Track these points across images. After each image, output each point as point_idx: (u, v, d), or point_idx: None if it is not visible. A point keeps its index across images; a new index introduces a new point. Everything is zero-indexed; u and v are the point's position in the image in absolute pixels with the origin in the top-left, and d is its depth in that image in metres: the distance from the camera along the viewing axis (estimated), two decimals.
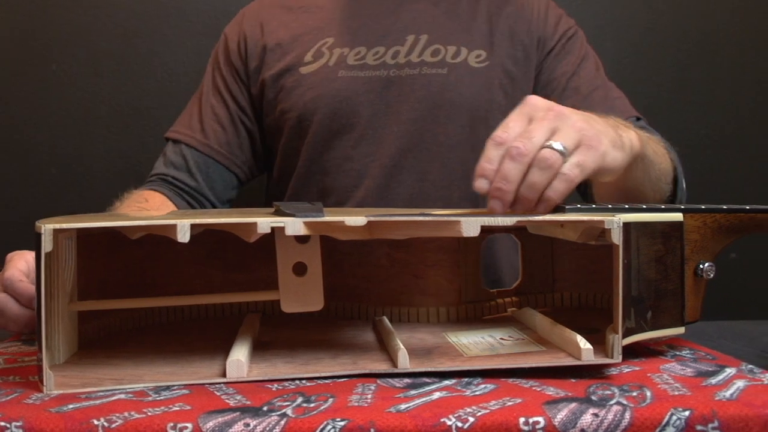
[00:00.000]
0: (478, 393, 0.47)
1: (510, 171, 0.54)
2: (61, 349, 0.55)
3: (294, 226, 0.49)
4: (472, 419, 0.42)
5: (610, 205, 0.57)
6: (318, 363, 0.53)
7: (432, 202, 0.94)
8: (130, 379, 0.50)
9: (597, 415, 0.43)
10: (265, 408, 0.44)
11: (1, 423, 0.41)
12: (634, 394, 0.46)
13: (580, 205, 0.56)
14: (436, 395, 0.46)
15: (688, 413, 0.43)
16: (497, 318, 0.69)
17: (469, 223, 0.49)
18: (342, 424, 0.41)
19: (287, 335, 0.63)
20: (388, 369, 0.51)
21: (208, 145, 1.00)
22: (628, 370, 0.53)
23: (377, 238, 0.54)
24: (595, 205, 0.56)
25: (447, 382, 0.49)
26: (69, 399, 0.46)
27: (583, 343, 0.51)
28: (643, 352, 0.58)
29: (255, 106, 1.02)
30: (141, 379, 0.50)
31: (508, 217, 0.51)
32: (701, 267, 0.58)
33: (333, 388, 0.48)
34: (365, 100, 0.95)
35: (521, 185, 0.55)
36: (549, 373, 0.51)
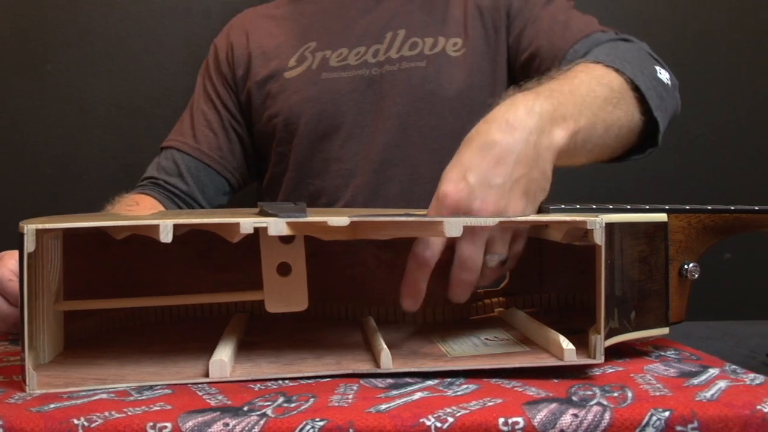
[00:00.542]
0: (459, 393, 0.47)
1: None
2: (47, 348, 0.55)
3: (277, 226, 0.49)
4: (451, 419, 0.42)
5: (594, 206, 0.57)
6: (302, 363, 0.53)
7: (424, 196, 0.93)
8: (113, 379, 0.50)
9: (577, 415, 0.43)
10: (245, 408, 0.44)
11: None
12: (615, 394, 0.46)
13: (564, 206, 0.56)
14: (418, 395, 0.46)
15: (668, 414, 0.43)
16: (484, 318, 0.69)
17: (452, 224, 0.49)
18: (321, 424, 0.42)
19: (275, 335, 0.63)
20: (371, 369, 0.52)
21: (199, 150, 1.01)
22: (611, 370, 0.53)
23: (364, 239, 0.54)
24: (579, 206, 0.57)
25: (430, 383, 0.49)
26: (51, 399, 0.46)
27: (566, 344, 0.51)
28: (628, 352, 0.58)
29: (244, 113, 1.03)
30: (124, 379, 0.50)
31: (491, 219, 0.51)
32: (686, 267, 0.58)
33: (315, 388, 0.49)
34: (349, 100, 0.95)
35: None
36: (532, 373, 0.51)
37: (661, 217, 0.56)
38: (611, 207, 0.56)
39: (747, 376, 0.51)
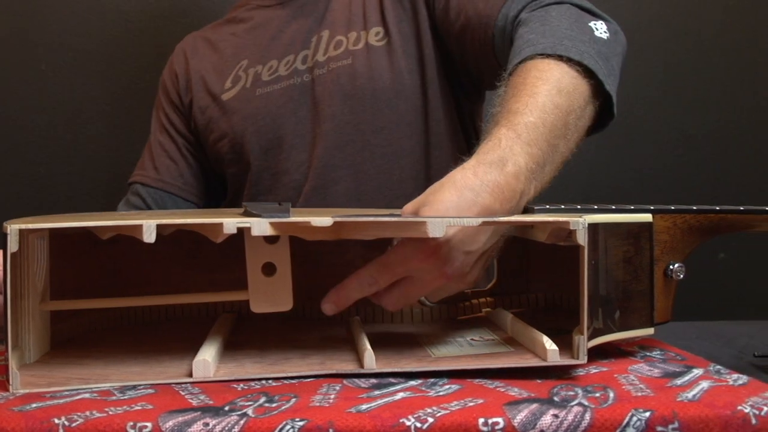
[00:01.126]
0: (441, 393, 0.47)
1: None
2: (32, 348, 0.55)
3: (260, 226, 0.50)
4: (431, 420, 0.42)
5: (579, 206, 0.57)
6: (286, 363, 0.53)
7: (370, 192, 0.93)
8: (96, 379, 0.50)
9: (557, 416, 0.43)
10: (226, 408, 0.44)
11: None
12: (597, 395, 0.46)
13: (548, 206, 0.56)
14: (399, 396, 0.47)
15: (648, 414, 0.43)
16: (471, 318, 0.69)
17: (435, 224, 0.49)
18: (301, 424, 0.42)
19: (261, 335, 0.63)
20: (354, 369, 0.52)
21: (161, 180, 1.03)
22: (596, 370, 0.53)
23: (351, 239, 0.55)
24: (564, 206, 0.57)
25: (412, 383, 0.50)
26: (34, 398, 0.46)
27: (549, 344, 0.51)
28: (613, 352, 0.58)
29: (199, 136, 1.04)
30: (108, 379, 0.50)
31: (473, 219, 0.51)
32: (671, 268, 0.58)
33: (298, 388, 0.49)
34: (286, 112, 0.95)
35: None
36: (516, 374, 0.51)
37: (646, 217, 0.56)
38: (596, 207, 0.56)
39: (730, 376, 0.51)
